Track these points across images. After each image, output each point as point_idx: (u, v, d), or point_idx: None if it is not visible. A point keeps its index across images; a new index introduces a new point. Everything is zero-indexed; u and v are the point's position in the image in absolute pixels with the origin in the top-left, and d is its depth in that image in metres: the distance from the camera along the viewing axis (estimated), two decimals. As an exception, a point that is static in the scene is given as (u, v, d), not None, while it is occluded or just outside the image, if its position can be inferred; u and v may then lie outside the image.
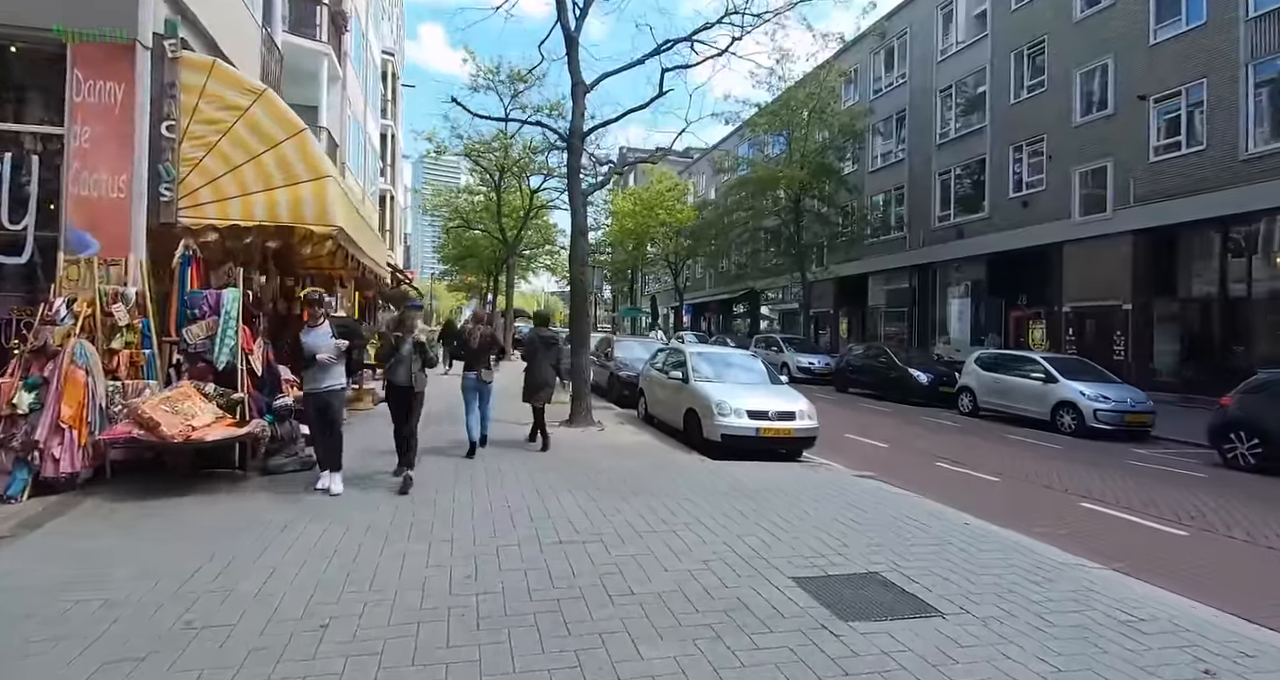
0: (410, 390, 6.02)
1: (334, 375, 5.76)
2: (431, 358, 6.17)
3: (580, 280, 9.67)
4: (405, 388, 6.03)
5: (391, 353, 6.07)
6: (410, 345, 6.02)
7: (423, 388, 6.15)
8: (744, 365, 9.72)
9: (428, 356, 6.13)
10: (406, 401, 6.08)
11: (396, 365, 6.01)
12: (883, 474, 7.63)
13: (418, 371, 5.99)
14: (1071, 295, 18.88)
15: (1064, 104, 19.12)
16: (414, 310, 6.48)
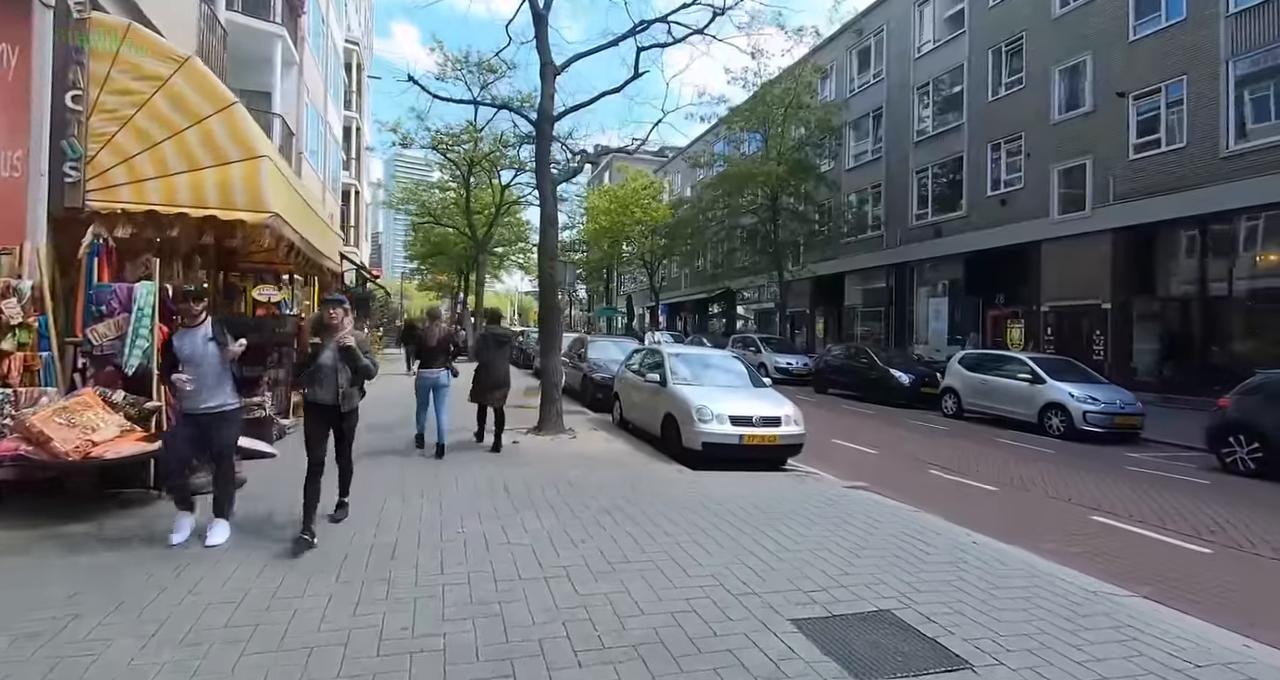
0: (337, 411, 4.61)
1: (219, 391, 4.42)
2: (366, 366, 4.62)
3: (550, 275, 8.99)
4: (329, 408, 4.60)
5: (308, 363, 4.69)
6: (333, 352, 4.55)
7: (354, 407, 4.73)
8: (725, 367, 9.13)
9: (360, 365, 4.59)
10: (331, 426, 4.67)
11: (316, 379, 4.59)
12: (875, 484, 7.09)
13: (346, 386, 4.59)
14: (1050, 294, 18.70)
15: (1042, 101, 18.93)
16: (334, 306, 4.72)
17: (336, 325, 4.63)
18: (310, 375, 4.64)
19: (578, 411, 11.40)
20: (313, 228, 8.98)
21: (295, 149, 16.39)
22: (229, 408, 4.52)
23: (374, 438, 8.36)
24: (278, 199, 6.55)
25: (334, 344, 4.58)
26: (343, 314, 4.67)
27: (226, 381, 4.48)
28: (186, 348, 4.38)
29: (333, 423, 4.68)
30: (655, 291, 38.66)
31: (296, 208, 7.85)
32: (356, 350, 4.56)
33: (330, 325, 4.66)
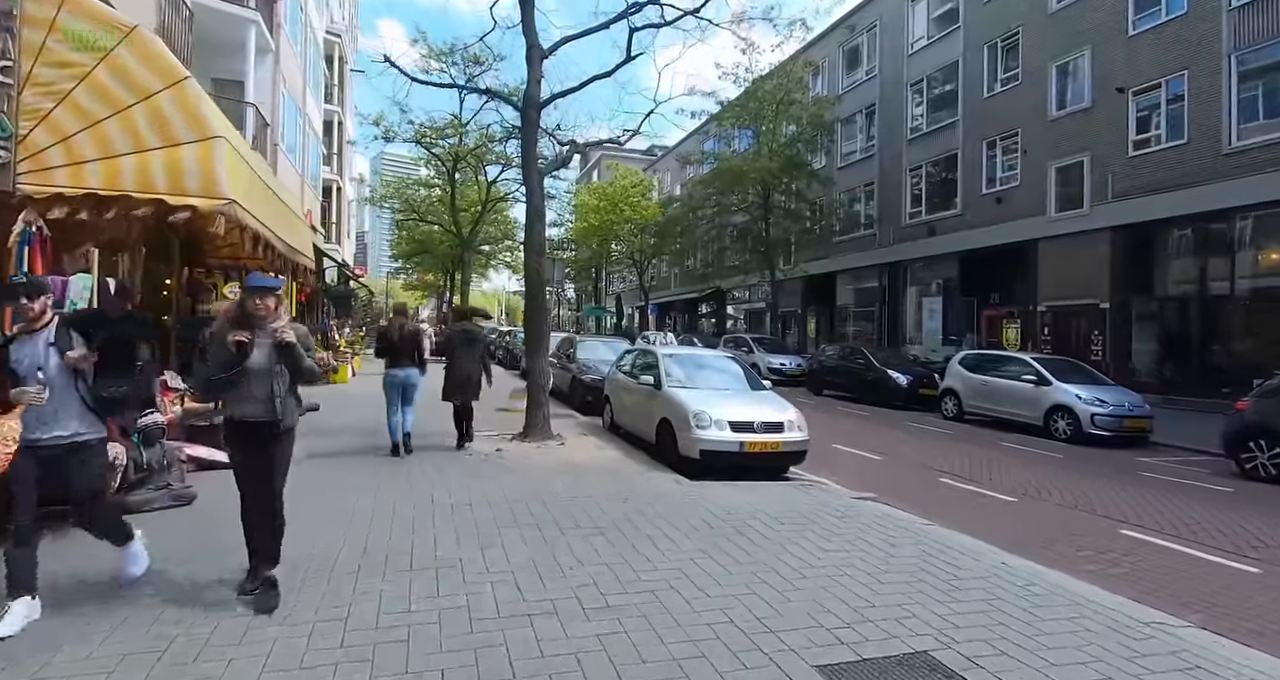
0: (271, 430, 3.50)
1: (71, 417, 3.26)
2: (310, 367, 3.64)
3: (537, 272, 8.44)
4: (259, 426, 3.48)
5: (230, 367, 3.39)
6: (267, 352, 3.47)
7: (293, 424, 3.66)
8: (722, 368, 8.62)
9: (303, 367, 3.57)
10: (262, 452, 3.54)
11: (241, 388, 3.46)
12: (884, 494, 6.62)
13: (284, 395, 3.54)
14: (1047, 294, 18.38)
15: (1039, 97, 18.62)
16: (261, 293, 3.57)
17: (265, 317, 3.50)
18: (229, 383, 3.44)
19: (566, 415, 10.87)
20: (281, 219, 8.38)
21: (270, 141, 15.71)
22: (83, 439, 3.29)
23: (347, 441, 7.79)
24: (236, 184, 5.95)
25: (268, 341, 3.46)
26: (275, 303, 3.58)
27: (77, 403, 3.29)
28: (26, 360, 3.19)
29: (260, 445, 3.54)
30: (645, 291, 38.16)
31: (260, 196, 7.25)
32: (299, 348, 3.51)
33: (256, 317, 3.50)
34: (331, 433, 8.76)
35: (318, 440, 8.17)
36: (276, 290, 3.64)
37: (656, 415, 7.72)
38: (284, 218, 8.95)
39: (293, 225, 9.42)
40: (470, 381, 7.59)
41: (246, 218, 6.40)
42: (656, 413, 7.74)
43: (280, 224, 8.55)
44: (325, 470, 6.58)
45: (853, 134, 26.54)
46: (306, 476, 6.30)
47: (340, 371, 14.81)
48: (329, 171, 27.34)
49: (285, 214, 9.03)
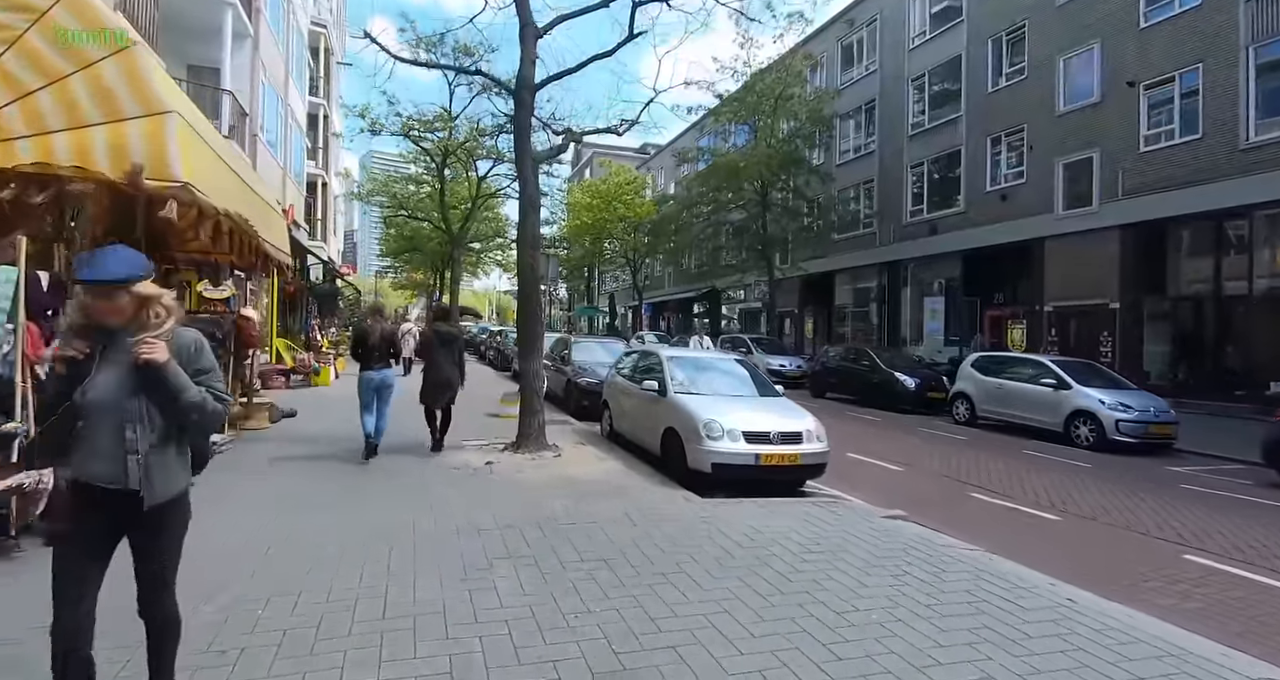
0: (132, 505, 2.13)
1: None
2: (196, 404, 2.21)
3: (531, 267, 7.79)
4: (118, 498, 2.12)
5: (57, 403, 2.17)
6: (121, 380, 2.15)
7: (175, 495, 2.25)
8: (730, 372, 8.01)
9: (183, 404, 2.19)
10: (119, 541, 2.24)
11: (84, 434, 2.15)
12: (913, 511, 6.03)
13: (153, 448, 2.17)
14: (1053, 294, 17.90)
15: (1046, 92, 18.14)
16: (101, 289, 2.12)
17: (123, 322, 2.17)
18: (63, 429, 2.17)
19: (562, 421, 10.22)
20: (254, 211, 7.69)
21: (249, 131, 14.96)
22: None
23: (321, 449, 7.12)
24: (191, 165, 5.29)
25: (125, 360, 2.15)
26: (135, 304, 2.16)
27: None
28: None
29: (125, 531, 2.22)
30: (639, 290, 37.54)
31: (228, 183, 6.58)
32: (176, 374, 2.18)
33: (101, 322, 2.17)
34: (306, 439, 8.08)
35: (290, 447, 7.49)
36: (138, 278, 2.15)
37: (661, 424, 7.09)
38: (258, 210, 8.26)
39: (268, 218, 8.73)
40: (449, 384, 7.46)
41: (206, 204, 5.74)
42: (661, 421, 7.11)
43: (253, 216, 7.88)
44: (293, 484, 5.91)
45: (851, 131, 26.01)
46: (272, 491, 5.65)
47: (323, 373, 14.10)
48: (314, 166, 26.55)
49: (259, 206, 8.34)
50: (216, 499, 5.35)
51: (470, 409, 11.14)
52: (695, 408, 6.70)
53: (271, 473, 6.36)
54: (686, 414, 6.69)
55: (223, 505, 5.15)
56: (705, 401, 6.90)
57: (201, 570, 3.30)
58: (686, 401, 6.90)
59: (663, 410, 7.17)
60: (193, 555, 2.48)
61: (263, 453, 7.22)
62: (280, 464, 6.72)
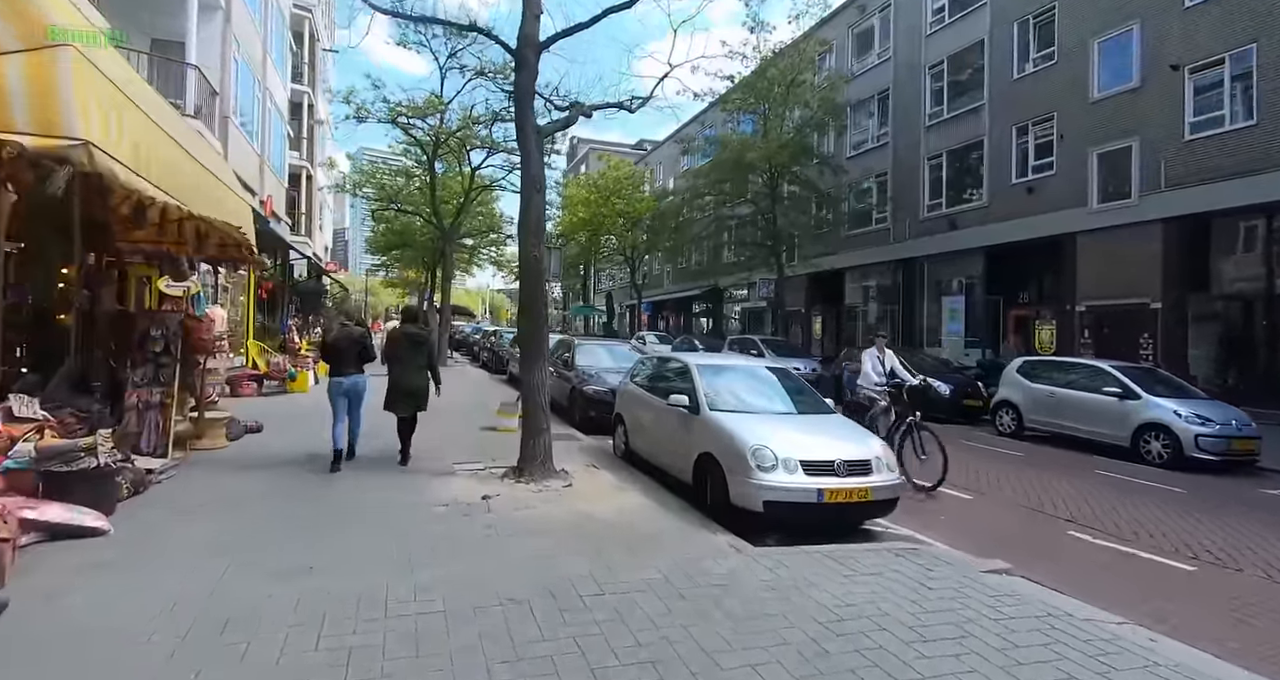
0: None
1: None
2: None
3: (535, 258, 6.53)
4: None
5: None
6: None
7: None
8: (772, 383, 6.77)
9: None
10: None
11: None
12: (1011, 558, 4.84)
13: None
14: (1086, 292, 16.78)
15: (1079, 77, 17.00)
16: None
17: None
18: None
19: (566, 436, 8.98)
20: (200, 187, 6.42)
21: (220, 112, 13.64)
22: None
23: (277, 479, 5.85)
24: (96, 119, 4.03)
25: None
26: None
27: None
28: None
29: None
30: (638, 289, 36.31)
31: (162, 154, 5.31)
32: None
33: None
34: (266, 461, 6.80)
35: (244, 474, 6.21)
36: None
37: (695, 448, 5.86)
38: (210, 190, 6.99)
39: (223, 202, 7.44)
40: (416, 391, 6.95)
41: (122, 173, 4.46)
42: (695, 444, 5.88)
43: (204, 196, 6.60)
44: (238, 526, 4.65)
45: (864, 121, 24.84)
46: (207, 537, 4.38)
47: (299, 379, 12.78)
48: (297, 157, 25.19)
49: (211, 186, 7.06)
50: (135, 549, 4.13)
51: (463, 420, 9.89)
52: (739, 430, 5.46)
53: (214, 509, 5.08)
54: (728, 437, 5.46)
55: (141, 558, 3.96)
56: (749, 421, 5.67)
57: None
58: (727, 421, 5.67)
59: (696, 431, 5.94)
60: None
61: (209, 482, 5.94)
62: (228, 496, 5.45)
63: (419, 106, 19.34)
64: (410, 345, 7.02)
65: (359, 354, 6.82)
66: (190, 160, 6.16)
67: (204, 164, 6.64)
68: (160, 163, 5.20)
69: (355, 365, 6.80)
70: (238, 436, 7.98)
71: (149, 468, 5.92)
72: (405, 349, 7.00)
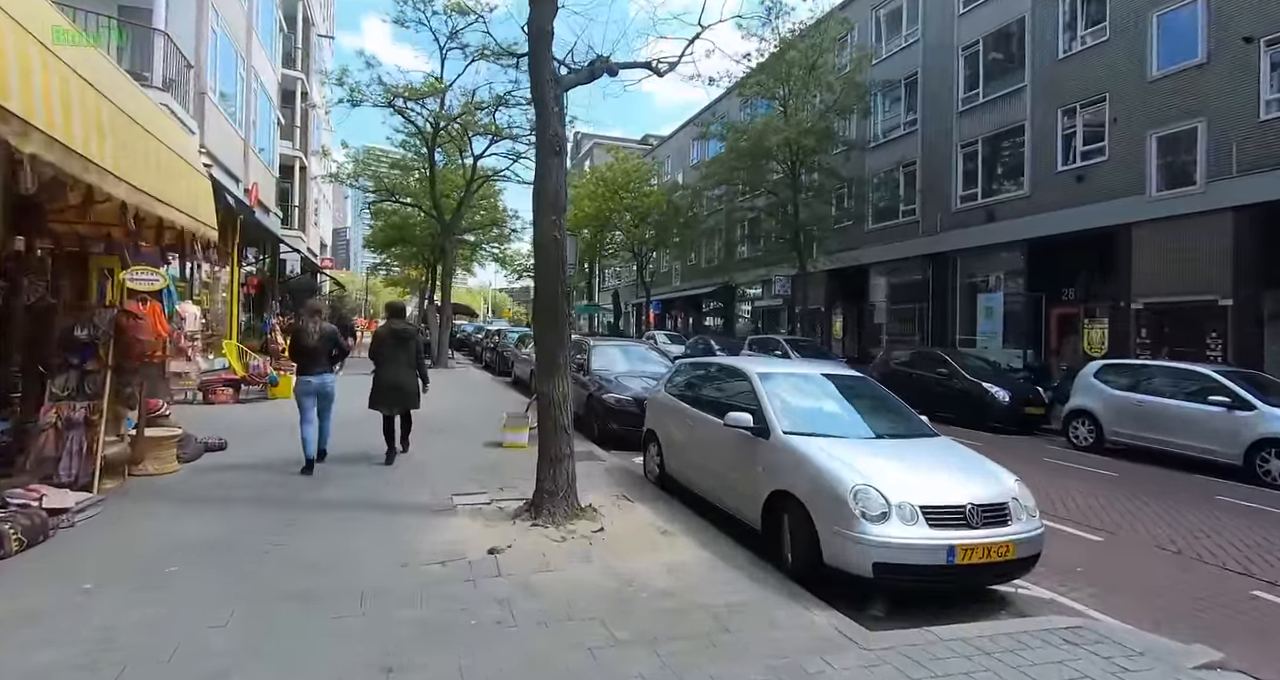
0: None
1: None
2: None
3: (553, 239, 5.17)
4: None
5: None
6: None
7: None
8: (855, 396, 5.40)
9: None
10: None
11: None
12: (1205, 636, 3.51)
13: None
14: (1143, 288, 15.39)
15: (1135, 54, 15.61)
16: None
17: None
18: None
19: (585, 453, 7.62)
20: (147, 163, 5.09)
21: (195, 88, 12.31)
22: None
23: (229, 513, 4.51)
24: (26, 81, 2.70)
25: None
26: None
27: None
28: None
29: None
30: (646, 286, 34.97)
31: (87, 110, 3.99)
32: None
33: None
34: (220, 493, 5.46)
35: (188, 514, 4.84)
36: None
37: (764, 483, 4.51)
38: (157, 166, 5.65)
39: (175, 180, 6.09)
40: (402, 388, 6.87)
41: None
42: (764, 479, 4.52)
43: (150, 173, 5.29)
44: (140, 617, 3.28)
45: (889, 108, 23.44)
46: (96, 634, 3.00)
47: (282, 383, 11.43)
48: (290, 147, 23.85)
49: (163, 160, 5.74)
50: None
51: (464, 434, 8.56)
52: (831, 462, 4.11)
53: (126, 571, 3.75)
54: (815, 472, 4.10)
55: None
56: (841, 450, 4.31)
57: None
58: (811, 450, 4.30)
59: (765, 460, 4.58)
60: None
61: (136, 525, 4.61)
62: (151, 549, 4.12)
63: (417, 88, 17.99)
64: (397, 342, 6.85)
65: (329, 353, 6.48)
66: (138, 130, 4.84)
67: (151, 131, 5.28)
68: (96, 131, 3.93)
69: (325, 365, 6.46)
70: (193, 457, 6.64)
71: (58, 507, 4.58)
72: (392, 346, 6.85)
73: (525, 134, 19.82)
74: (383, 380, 6.81)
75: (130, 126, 4.98)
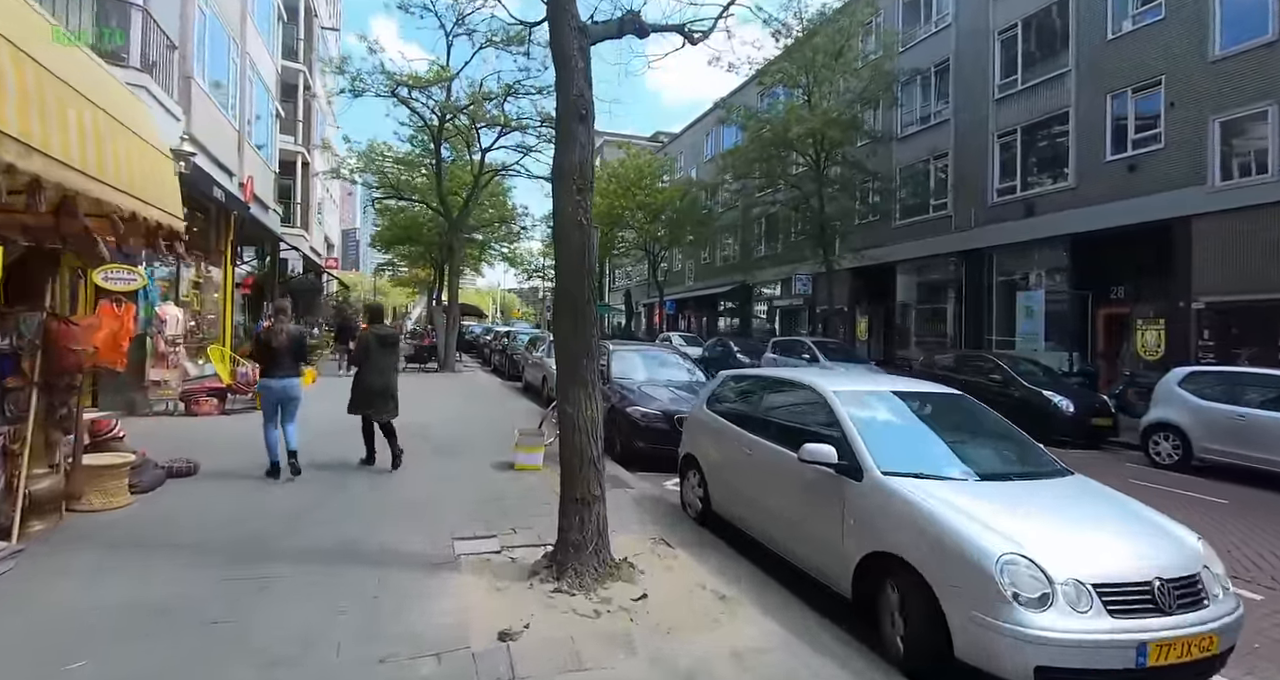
0: None
1: None
2: None
3: (577, 223, 4.11)
4: None
5: None
6: None
7: None
8: (962, 421, 4.33)
9: None
10: None
11: None
12: None
13: None
14: (1205, 286, 14.19)
15: (1194, 33, 14.41)
16: None
17: None
18: None
19: (609, 477, 6.57)
20: (46, 115, 4.09)
21: (180, 71, 11.38)
22: None
23: (173, 570, 3.50)
24: None
25: None
26: None
27: None
28: None
29: None
30: (659, 286, 33.92)
31: None
32: None
33: None
34: (163, 540, 4.41)
35: (109, 579, 3.78)
36: None
37: (855, 540, 3.45)
38: (83, 131, 4.66)
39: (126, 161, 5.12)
40: (386, 393, 6.71)
41: None
42: (856, 534, 3.47)
43: (68, 136, 4.29)
44: None
45: (918, 97, 22.27)
46: None
47: (273, 392, 10.45)
48: (292, 142, 22.97)
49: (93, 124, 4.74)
50: None
51: (470, 452, 7.55)
52: (957, 518, 3.04)
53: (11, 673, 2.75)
54: (936, 532, 3.04)
55: None
56: (966, 499, 3.24)
57: None
58: (926, 499, 3.23)
59: (856, 509, 3.52)
60: None
61: (57, 587, 3.61)
62: (59, 630, 3.11)
63: (422, 76, 17.03)
64: (381, 347, 6.73)
65: (295, 354, 6.26)
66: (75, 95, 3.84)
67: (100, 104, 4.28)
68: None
69: (290, 367, 6.22)
70: (151, 486, 5.64)
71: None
72: (378, 351, 6.69)
73: (535, 126, 18.87)
74: (367, 385, 6.62)
75: (48, 81, 3.99)
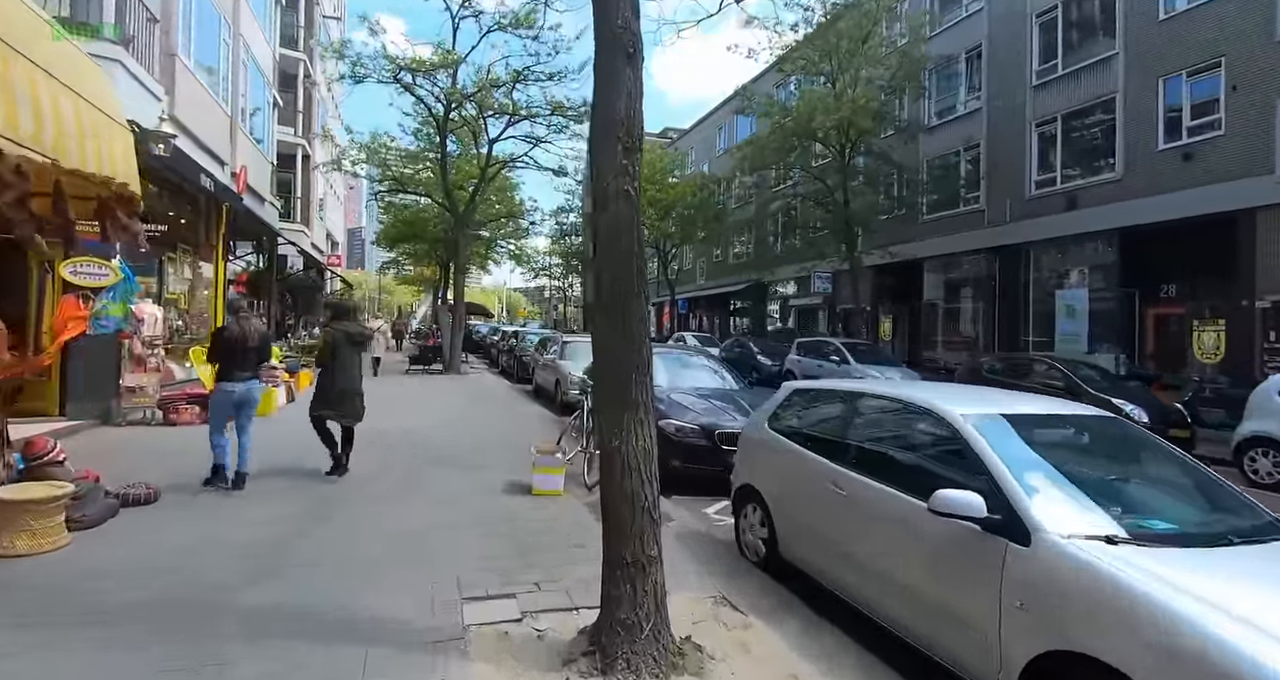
0: None
1: None
2: None
3: (621, 193, 3.08)
4: None
5: None
6: None
7: None
8: (1133, 457, 3.27)
9: None
10: None
11: None
12: None
13: None
14: (1272, 284, 13.10)
15: (1258, 10, 13.33)
16: None
17: None
18: None
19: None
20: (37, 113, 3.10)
21: (163, 48, 10.45)
22: None
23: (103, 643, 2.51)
24: None
25: None
26: None
27: None
28: None
29: None
30: (671, 284, 32.95)
31: None
32: None
33: None
34: (85, 607, 3.40)
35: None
36: None
37: (1021, 629, 2.43)
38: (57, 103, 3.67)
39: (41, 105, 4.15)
40: (354, 395, 6.39)
41: None
42: (1022, 622, 2.44)
43: None
44: None
45: (948, 85, 21.20)
46: None
47: (261, 399, 9.49)
48: (292, 134, 22.06)
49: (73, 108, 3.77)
50: None
51: (478, 470, 6.55)
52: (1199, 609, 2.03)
53: None
54: (1166, 630, 2.02)
55: None
56: (1203, 577, 2.22)
57: None
58: (1137, 578, 2.21)
59: (1021, 584, 2.50)
60: None
61: None
62: None
63: (426, 60, 16.06)
64: (353, 346, 6.47)
65: (260, 354, 6.01)
66: None
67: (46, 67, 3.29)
68: None
69: (252, 368, 5.99)
70: (99, 520, 4.67)
71: None
72: (346, 348, 6.38)
73: (546, 114, 17.92)
74: (337, 387, 6.32)
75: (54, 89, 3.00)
